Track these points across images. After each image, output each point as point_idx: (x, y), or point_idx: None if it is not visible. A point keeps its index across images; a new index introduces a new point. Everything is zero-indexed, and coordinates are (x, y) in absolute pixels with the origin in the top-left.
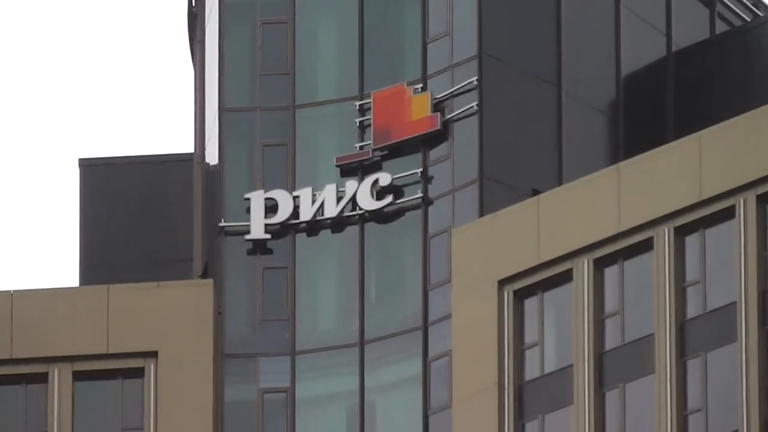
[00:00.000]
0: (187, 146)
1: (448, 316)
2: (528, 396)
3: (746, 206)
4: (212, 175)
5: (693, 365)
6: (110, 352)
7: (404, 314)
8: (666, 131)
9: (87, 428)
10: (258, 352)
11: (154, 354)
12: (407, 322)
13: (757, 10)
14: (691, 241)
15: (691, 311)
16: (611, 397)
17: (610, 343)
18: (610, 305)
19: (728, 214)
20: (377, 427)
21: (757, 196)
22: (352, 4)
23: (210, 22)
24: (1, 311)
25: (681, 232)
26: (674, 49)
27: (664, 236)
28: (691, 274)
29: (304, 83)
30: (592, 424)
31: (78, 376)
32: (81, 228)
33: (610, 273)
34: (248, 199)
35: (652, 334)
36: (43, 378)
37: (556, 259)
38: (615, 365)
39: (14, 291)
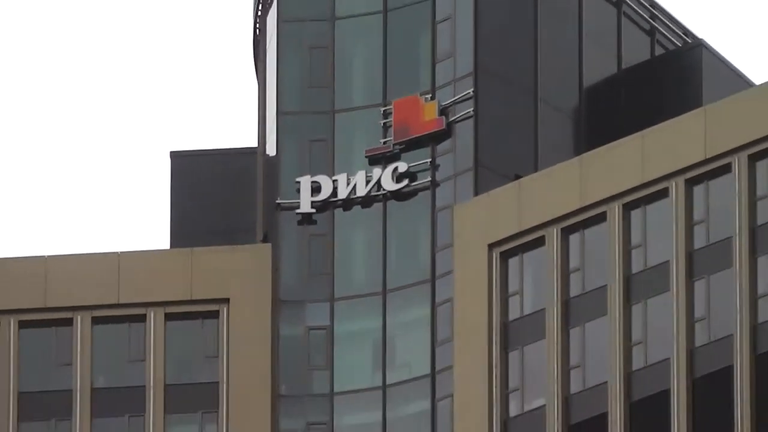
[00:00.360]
0: (252, 141)
1: (450, 272)
2: (511, 332)
3: (677, 188)
4: (271, 163)
5: (636, 309)
6: (194, 298)
7: (417, 270)
8: (618, 131)
9: (177, 357)
10: (305, 299)
11: (226, 300)
12: (419, 276)
13: (687, 38)
14: (636, 215)
15: (635, 267)
16: (575, 333)
17: (574, 292)
18: (573, 263)
19: (663, 194)
20: (396, 357)
21: (686, 180)
22: (377, 33)
23: (270, 47)
24: (109, 268)
25: (627, 208)
26: (624, 66)
27: (614, 211)
28: (635, 240)
29: (341, 93)
30: (560, 354)
31: (169, 317)
32: (171, 205)
33: (574, 239)
34: (298, 182)
35: (605, 285)
36: (141, 318)
37: (532, 228)
38: (578, 309)
39: (121, 252)
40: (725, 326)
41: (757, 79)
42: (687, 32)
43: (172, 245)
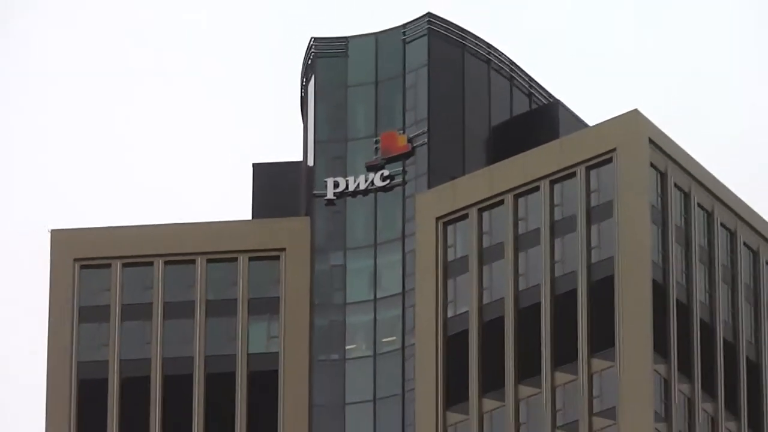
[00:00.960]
0: (299, 157)
1: (413, 233)
2: (450, 267)
3: (511, 199)
4: (310, 170)
5: (520, 256)
6: (267, 248)
7: (394, 232)
8: (514, 152)
9: (258, 282)
10: (329, 249)
11: (284, 249)
12: (395, 235)
13: (546, 98)
14: (509, 200)
15: (521, 230)
16: (486, 268)
17: (486, 244)
18: (485, 228)
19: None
20: (382, 282)
21: (514, 195)
22: (371, 94)
23: (310, 101)
24: (220, 231)
25: (516, 196)
26: (514, 114)
27: (509, 197)
28: (519, 216)
29: (351, 130)
30: (477, 282)
31: (252, 258)
32: (253, 196)
33: (486, 215)
34: (326, 181)
35: (503, 241)
36: (234, 260)
37: (460, 208)
38: (487, 254)
39: (230, 220)
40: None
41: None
42: (546, 93)
43: (254, 217)
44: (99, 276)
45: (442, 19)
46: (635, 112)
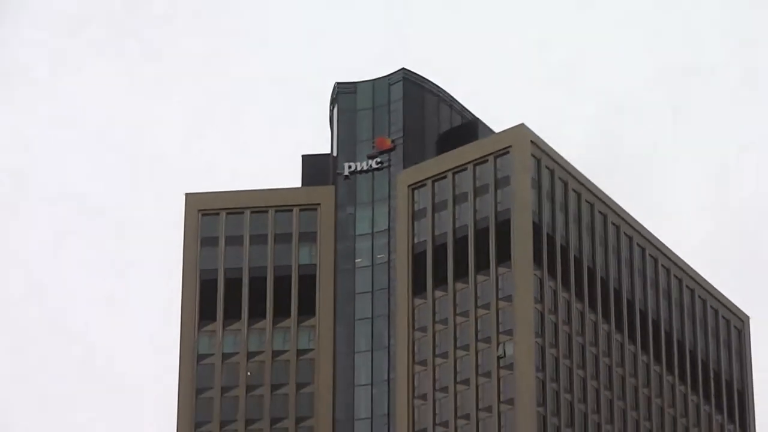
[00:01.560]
0: (327, 150)
1: (395, 195)
2: (417, 214)
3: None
4: (335, 159)
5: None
6: (308, 203)
7: (383, 196)
8: (452, 148)
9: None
10: (346, 203)
11: (319, 204)
12: (384, 195)
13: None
14: (458, 176)
15: (437, 199)
16: (438, 215)
17: (436, 200)
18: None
19: (465, 168)
20: (377, 224)
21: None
22: (370, 119)
23: (335, 116)
24: (276, 195)
25: (454, 173)
26: (453, 126)
27: (450, 174)
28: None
29: (359, 134)
30: (409, 221)
31: (301, 209)
32: (302, 175)
33: (438, 185)
34: (344, 164)
35: (446, 199)
36: (290, 209)
37: (420, 180)
38: (437, 207)
39: (289, 187)
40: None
41: None
42: (471, 114)
43: (303, 186)
44: (212, 220)
45: (411, 72)
46: (522, 125)
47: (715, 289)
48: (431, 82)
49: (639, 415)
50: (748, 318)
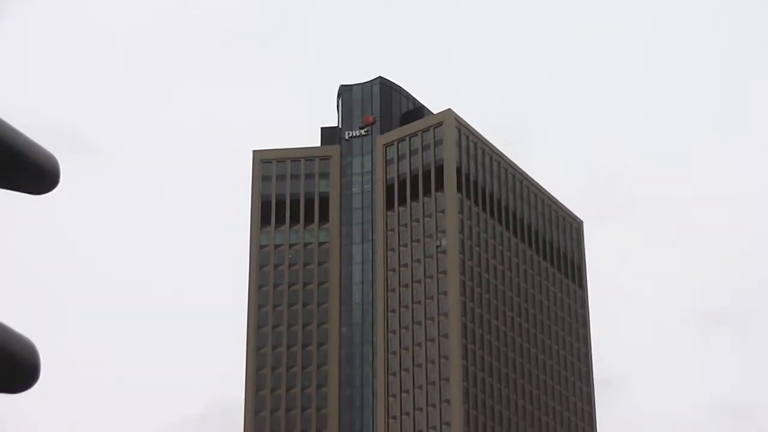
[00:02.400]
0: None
1: (375, 149)
2: (388, 162)
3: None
4: (340, 130)
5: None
6: (322, 155)
7: (369, 149)
8: (406, 123)
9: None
10: (347, 155)
11: (330, 156)
12: (369, 150)
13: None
14: (412, 141)
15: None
16: (396, 163)
17: (400, 154)
18: (391, 156)
19: (416, 135)
20: (364, 166)
21: (409, 138)
22: (359, 104)
23: (339, 105)
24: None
25: (410, 138)
26: (409, 110)
27: (408, 138)
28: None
29: (355, 116)
30: (385, 165)
31: (320, 159)
32: (321, 139)
33: (398, 145)
34: (346, 132)
35: (406, 152)
36: (313, 159)
37: (393, 140)
38: (399, 158)
39: (306, 147)
40: None
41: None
42: (417, 101)
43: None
44: (268, 166)
45: (385, 79)
46: (449, 110)
47: (562, 204)
48: (396, 84)
49: (511, 273)
50: (581, 222)
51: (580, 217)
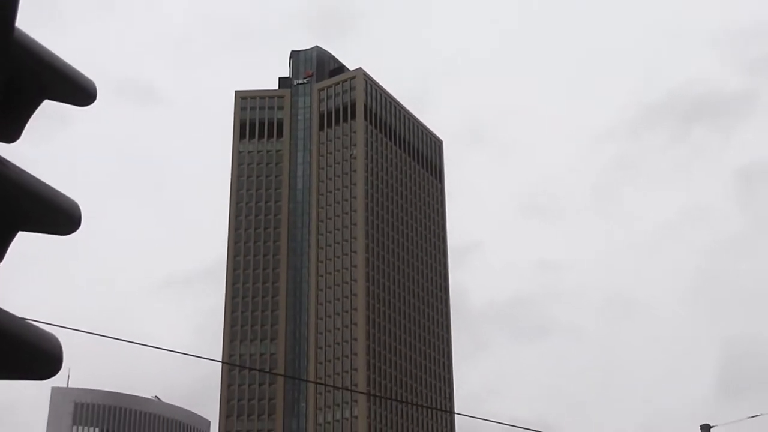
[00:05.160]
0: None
1: (313, 93)
2: (324, 99)
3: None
4: (291, 80)
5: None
6: (280, 95)
7: (309, 93)
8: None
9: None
10: (296, 95)
11: (284, 95)
12: (309, 93)
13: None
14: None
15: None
16: (328, 100)
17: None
18: (323, 96)
19: (339, 83)
20: (307, 102)
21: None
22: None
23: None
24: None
25: (333, 86)
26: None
27: (340, 78)
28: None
29: (301, 71)
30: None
31: (278, 97)
32: (279, 84)
33: (327, 90)
34: (295, 81)
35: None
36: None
37: (323, 88)
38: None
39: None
40: None
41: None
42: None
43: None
44: (245, 101)
45: (320, 47)
46: (360, 68)
47: (431, 130)
48: (327, 51)
49: (397, 172)
50: (442, 141)
51: (442, 138)
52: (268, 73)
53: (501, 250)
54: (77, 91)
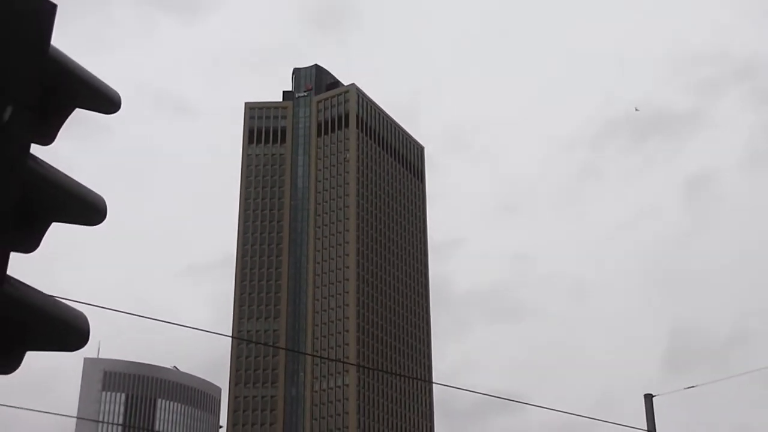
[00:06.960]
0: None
1: (312, 104)
2: (323, 107)
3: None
4: (293, 93)
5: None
6: (283, 106)
7: (309, 104)
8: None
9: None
10: (297, 106)
11: (288, 106)
12: (309, 104)
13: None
14: (334, 98)
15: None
16: (326, 112)
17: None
18: (321, 108)
19: (337, 95)
20: (309, 112)
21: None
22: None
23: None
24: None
25: (332, 98)
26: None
27: (338, 91)
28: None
29: (303, 86)
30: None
31: (282, 107)
32: (283, 97)
33: (325, 102)
34: (298, 95)
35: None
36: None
37: (321, 99)
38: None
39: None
40: None
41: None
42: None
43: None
44: (253, 111)
45: (319, 65)
46: (353, 84)
47: (414, 138)
48: (325, 68)
49: (384, 174)
50: (423, 147)
51: (424, 145)
52: (273, 87)
53: (480, 243)
54: (104, 100)
